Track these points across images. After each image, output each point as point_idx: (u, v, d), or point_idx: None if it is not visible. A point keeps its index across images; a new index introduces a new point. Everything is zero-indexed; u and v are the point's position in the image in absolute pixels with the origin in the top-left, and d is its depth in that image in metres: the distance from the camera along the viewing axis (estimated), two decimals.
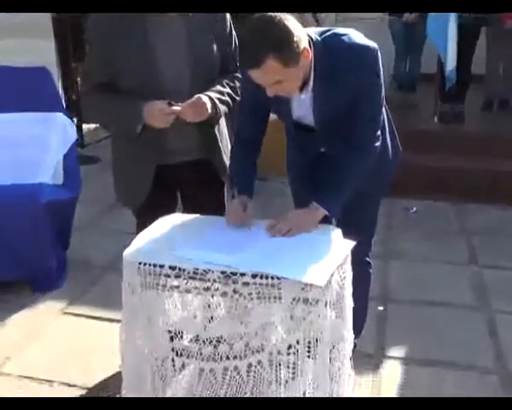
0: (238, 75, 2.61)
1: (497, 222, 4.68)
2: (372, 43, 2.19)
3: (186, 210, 2.64)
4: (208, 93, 2.44)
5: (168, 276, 1.89)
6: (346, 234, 2.19)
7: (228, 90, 2.54)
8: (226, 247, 2.00)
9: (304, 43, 2.04)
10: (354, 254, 2.13)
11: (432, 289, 3.63)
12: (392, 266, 3.95)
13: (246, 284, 1.82)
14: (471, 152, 5.34)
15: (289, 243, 2.07)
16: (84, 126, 6.90)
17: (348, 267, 2.06)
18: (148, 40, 2.38)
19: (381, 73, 2.23)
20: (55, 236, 3.71)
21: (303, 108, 2.30)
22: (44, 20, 6.18)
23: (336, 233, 2.19)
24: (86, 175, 4.74)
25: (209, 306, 1.88)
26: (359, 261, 2.38)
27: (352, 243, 2.11)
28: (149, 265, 1.91)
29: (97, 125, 6.68)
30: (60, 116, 3.85)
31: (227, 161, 2.65)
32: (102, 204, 5.01)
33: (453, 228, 4.61)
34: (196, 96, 2.39)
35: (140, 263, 1.92)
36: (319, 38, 2.17)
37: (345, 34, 2.19)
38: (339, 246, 2.08)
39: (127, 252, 2.01)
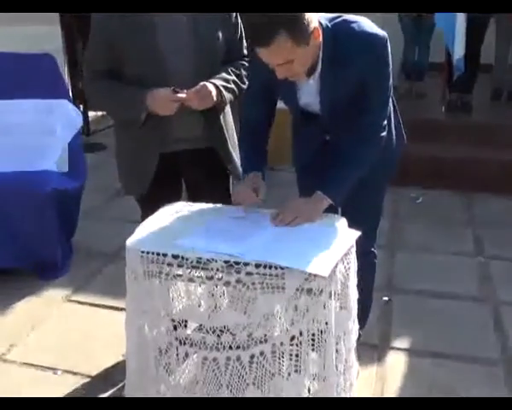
0: (244, 63, 2.60)
1: (504, 213, 4.64)
2: (381, 32, 2.17)
3: (191, 199, 2.63)
4: (213, 81, 2.42)
5: (171, 265, 1.88)
6: (351, 224, 2.17)
7: (233, 77, 2.53)
8: (230, 236, 1.98)
9: (314, 23, 2.02)
10: (359, 245, 2.11)
11: (437, 279, 3.60)
12: (398, 256, 3.93)
13: (249, 273, 1.81)
14: (479, 142, 5.30)
15: (293, 233, 2.05)
16: (90, 114, 6.88)
17: (353, 258, 2.04)
18: (153, 25, 2.37)
19: (390, 62, 2.20)
20: (60, 224, 3.71)
21: (310, 94, 2.28)
22: None
23: (341, 223, 2.16)
24: (92, 163, 4.74)
25: (213, 295, 1.87)
26: (364, 252, 2.35)
27: (356, 233, 2.09)
28: (152, 253, 1.90)
29: (103, 112, 6.71)
30: (65, 103, 3.83)
31: (232, 151, 2.64)
32: (108, 192, 5.02)
33: (460, 218, 4.58)
34: (201, 83, 2.37)
35: (143, 252, 1.91)
36: (329, 24, 2.14)
37: (355, 21, 2.16)
38: (343, 236, 2.06)
39: (130, 240, 1.99)
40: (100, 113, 6.79)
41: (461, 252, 3.99)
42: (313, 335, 1.85)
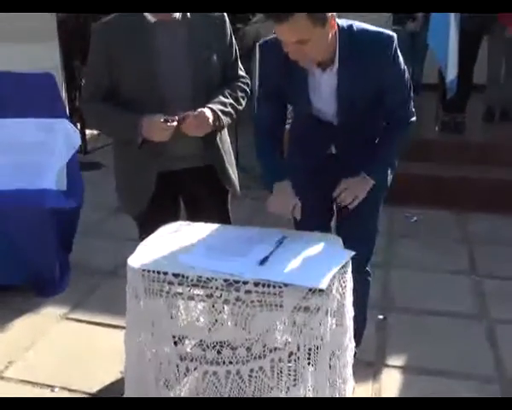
0: (240, 84, 2.65)
1: (497, 231, 4.69)
2: (391, 33, 2.30)
3: (189, 217, 2.67)
4: (211, 105, 2.45)
5: (172, 283, 1.92)
6: (347, 243, 2.23)
7: (231, 100, 2.56)
8: (229, 254, 2.03)
9: (331, 12, 2.10)
10: (354, 263, 2.16)
11: (432, 297, 3.64)
12: (393, 274, 3.96)
13: (248, 291, 1.85)
14: (472, 161, 5.37)
15: (290, 250, 2.09)
16: (87, 132, 6.92)
17: (349, 276, 2.08)
18: (150, 49, 2.41)
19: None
20: (58, 241, 3.74)
21: (325, 92, 2.34)
22: (49, 23, 6.23)
23: (336, 241, 2.21)
24: (89, 181, 4.76)
25: (212, 312, 1.90)
26: (358, 270, 2.40)
27: (351, 252, 2.13)
28: (153, 272, 1.94)
29: (99, 130, 6.76)
30: (64, 122, 3.87)
31: (229, 168, 2.68)
32: (104, 210, 5.05)
33: (454, 237, 4.63)
34: (199, 109, 2.39)
35: (144, 270, 1.95)
36: (344, 25, 2.24)
37: (365, 26, 2.29)
38: (339, 253, 2.10)
39: (132, 259, 2.03)
40: (96, 131, 6.84)
41: (455, 270, 4.03)
42: (309, 350, 1.89)
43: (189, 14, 2.49)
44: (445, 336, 3.25)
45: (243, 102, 2.65)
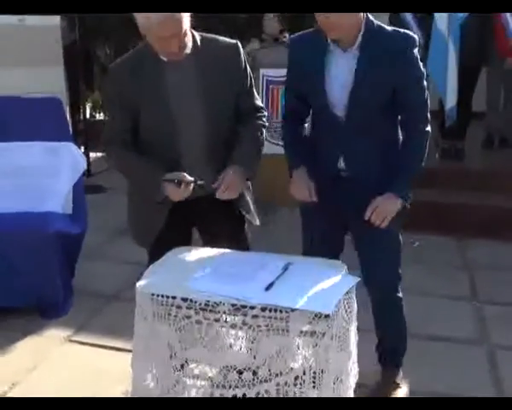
0: (258, 122, 2.63)
1: (497, 258, 4.73)
2: (415, 35, 2.41)
3: (205, 244, 2.65)
4: (239, 166, 2.46)
5: (180, 307, 1.96)
6: (372, 268, 2.54)
7: (256, 147, 2.59)
8: (236, 279, 2.07)
9: None
10: (384, 289, 2.43)
11: (433, 323, 3.67)
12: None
13: (255, 316, 1.89)
14: (472, 188, 5.42)
15: (295, 276, 2.14)
16: (91, 155, 6.98)
17: (353, 302, 2.12)
18: (162, 86, 2.43)
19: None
20: (62, 264, 3.78)
21: (339, 78, 2.42)
22: (55, 48, 6.32)
23: (340, 267, 2.26)
24: (91, 204, 4.81)
25: (219, 336, 1.94)
26: (389, 295, 2.71)
27: (356, 278, 2.17)
28: (162, 296, 1.98)
29: (103, 154, 6.81)
30: (71, 146, 3.94)
31: (247, 195, 2.68)
32: (107, 233, 5.09)
33: (455, 263, 4.66)
34: (229, 174, 2.43)
35: (153, 294, 1.99)
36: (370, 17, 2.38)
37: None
38: (344, 279, 2.15)
39: (141, 283, 2.07)
40: (100, 154, 6.90)
41: (456, 296, 4.06)
42: (314, 373, 1.92)
43: (199, 41, 2.49)
44: (446, 361, 3.27)
45: (264, 139, 2.66)
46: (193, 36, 2.49)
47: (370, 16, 2.39)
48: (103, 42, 8.64)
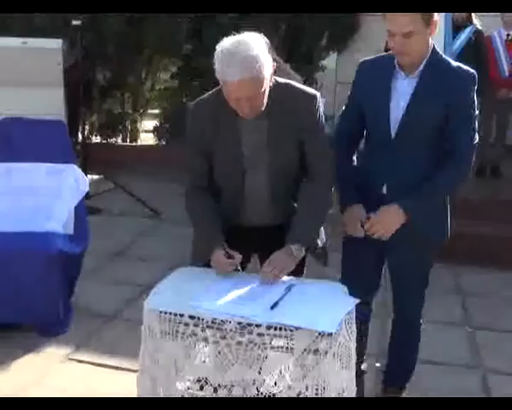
0: (323, 196, 2.56)
1: (489, 285, 4.83)
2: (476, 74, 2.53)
3: None
4: (292, 243, 2.42)
5: (187, 325, 2.03)
6: (400, 291, 2.78)
7: (318, 214, 2.54)
8: (242, 298, 2.15)
9: (436, 17, 2.41)
10: (407, 313, 2.72)
11: (427, 347, 3.70)
12: (389, 325, 4.05)
13: (261, 334, 1.97)
14: (465, 216, 5.51)
15: (299, 296, 2.22)
16: (89, 177, 7.03)
17: (353, 322, 2.19)
18: (237, 136, 2.46)
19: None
20: (63, 284, 3.83)
21: (397, 105, 2.55)
22: (56, 71, 6.42)
23: (341, 288, 2.34)
24: (90, 225, 4.87)
25: (226, 353, 2.00)
26: (412, 319, 2.89)
27: (356, 300, 2.25)
28: (170, 313, 2.04)
29: (100, 176, 6.89)
30: (73, 168, 4.01)
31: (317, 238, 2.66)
32: (105, 255, 5.14)
33: (448, 289, 4.74)
34: (276, 258, 2.40)
35: (161, 312, 2.05)
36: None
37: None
38: (345, 300, 2.23)
39: (148, 300, 2.14)
40: (96, 176, 6.96)
41: (449, 321, 4.14)
42: (317, 390, 1.99)
43: (276, 93, 2.42)
44: (440, 385, 3.34)
45: (331, 197, 2.61)
46: (271, 89, 2.40)
47: (436, 47, 2.54)
48: (103, 65, 8.75)
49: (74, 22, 6.22)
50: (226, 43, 2.30)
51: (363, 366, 3.08)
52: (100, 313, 4.13)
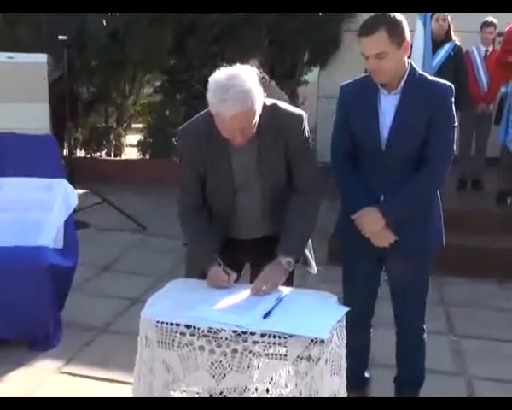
0: (310, 206, 2.62)
1: (472, 294, 4.94)
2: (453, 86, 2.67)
3: (252, 280, 2.66)
4: (283, 256, 2.48)
5: (183, 334, 2.08)
6: (400, 300, 2.89)
7: (305, 227, 2.61)
8: (237, 307, 2.22)
9: (407, 39, 2.57)
10: (410, 322, 2.86)
11: None
12: (377, 333, 4.12)
13: (255, 342, 2.03)
14: (447, 228, 5.60)
15: (290, 305, 2.29)
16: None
17: (344, 330, 2.26)
18: (227, 159, 2.53)
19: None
20: (53, 298, 3.86)
21: (386, 115, 2.67)
22: (41, 86, 6.46)
23: (331, 297, 2.41)
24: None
25: (221, 361, 2.06)
26: (416, 328, 3.00)
27: (346, 308, 2.32)
28: (166, 323, 2.10)
29: (87, 190, 6.92)
30: (63, 182, 4.06)
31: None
32: (92, 269, 5.18)
33: (432, 299, 4.79)
34: (266, 272, 2.46)
35: (158, 321, 2.11)
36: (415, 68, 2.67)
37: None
38: (335, 308, 2.31)
39: (145, 310, 2.20)
40: (83, 191, 6.98)
41: (434, 330, 4.20)
42: (310, 395, 2.05)
43: (264, 115, 2.47)
44: (427, 392, 3.40)
45: (316, 214, 2.67)
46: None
47: (414, 64, 2.68)
48: (87, 80, 8.80)
49: (60, 37, 6.26)
50: (219, 75, 2.35)
51: (367, 374, 3.17)
52: (90, 326, 4.16)
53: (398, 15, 2.60)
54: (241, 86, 2.30)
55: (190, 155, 2.59)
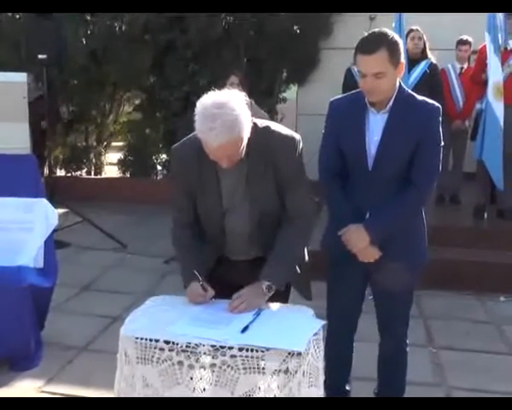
0: (298, 231, 2.60)
1: (449, 307, 5.01)
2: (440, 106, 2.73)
3: None
4: (264, 280, 2.48)
5: (162, 349, 2.11)
6: (385, 312, 2.95)
7: (292, 256, 2.59)
8: (214, 323, 2.24)
9: (402, 59, 2.62)
10: (393, 334, 2.89)
11: None
12: (357, 347, 4.16)
13: (233, 356, 2.06)
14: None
15: (268, 320, 2.32)
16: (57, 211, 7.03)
17: (321, 343, 2.30)
18: (217, 181, 2.55)
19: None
20: (33, 317, 3.85)
21: (375, 133, 2.71)
22: (21, 105, 6.45)
23: (308, 311, 2.45)
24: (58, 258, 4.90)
25: (200, 376, 2.08)
26: (398, 340, 3.03)
27: (322, 321, 2.36)
28: (146, 339, 2.12)
29: (66, 210, 6.91)
30: (43, 202, 4.06)
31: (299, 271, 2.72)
32: (73, 288, 5.18)
33: (412, 312, 4.84)
34: (244, 293, 2.46)
35: (137, 338, 2.13)
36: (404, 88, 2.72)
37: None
38: (312, 321, 2.35)
39: (124, 327, 2.22)
40: (63, 210, 6.97)
41: (413, 343, 4.23)
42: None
43: (256, 137, 2.48)
44: None
45: (305, 243, 2.68)
46: (249, 136, 2.45)
47: (402, 84, 2.73)
48: (67, 99, 8.82)
49: (40, 56, 6.28)
50: (207, 101, 2.33)
51: (347, 387, 3.20)
52: (70, 346, 4.15)
53: (396, 36, 2.65)
54: (228, 115, 2.28)
55: (181, 174, 2.62)
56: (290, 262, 2.60)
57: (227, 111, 2.29)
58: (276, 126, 2.59)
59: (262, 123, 2.55)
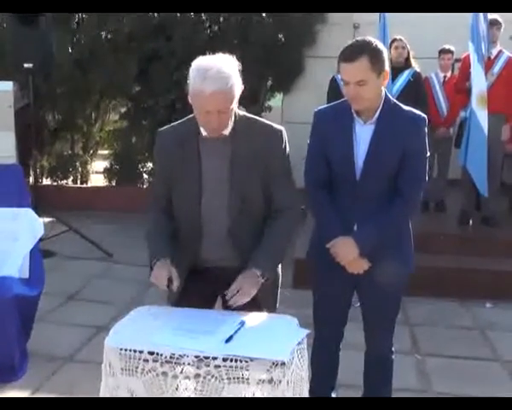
0: (290, 219, 2.64)
1: (435, 314, 5.05)
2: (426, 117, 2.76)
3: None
4: (255, 268, 2.49)
5: (147, 360, 2.11)
6: (372, 322, 2.95)
7: (279, 247, 2.62)
8: (199, 333, 2.24)
9: (386, 68, 2.63)
10: (379, 345, 2.92)
11: None
12: (343, 355, 4.18)
13: (217, 366, 2.07)
14: None
15: (252, 330, 2.33)
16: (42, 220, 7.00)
17: (305, 352, 2.31)
18: (197, 166, 2.55)
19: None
20: (19, 328, 3.83)
21: (363, 144, 2.72)
22: (7, 114, 6.43)
23: (292, 321, 2.46)
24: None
25: (184, 386, 2.09)
26: (384, 350, 3.05)
27: (306, 331, 2.37)
28: (130, 350, 2.13)
29: (52, 219, 6.88)
30: (29, 212, 4.05)
31: (269, 290, 2.70)
32: (58, 298, 5.16)
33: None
34: (239, 280, 2.47)
35: (121, 349, 2.14)
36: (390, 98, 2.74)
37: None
38: (296, 331, 2.36)
39: (109, 338, 2.22)
40: (48, 219, 6.94)
41: (399, 350, 4.25)
42: None
43: (242, 123, 2.55)
44: None
45: (291, 236, 2.70)
46: (236, 118, 2.54)
47: (388, 95, 2.74)
48: (52, 107, 8.80)
49: (26, 65, 6.27)
50: (201, 60, 2.46)
51: (333, 394, 3.21)
52: (56, 356, 4.14)
53: (380, 44, 2.67)
54: (222, 68, 2.40)
55: (163, 157, 2.65)
56: (278, 252, 2.63)
57: (220, 65, 2.41)
58: (261, 119, 2.67)
59: (247, 114, 2.63)
